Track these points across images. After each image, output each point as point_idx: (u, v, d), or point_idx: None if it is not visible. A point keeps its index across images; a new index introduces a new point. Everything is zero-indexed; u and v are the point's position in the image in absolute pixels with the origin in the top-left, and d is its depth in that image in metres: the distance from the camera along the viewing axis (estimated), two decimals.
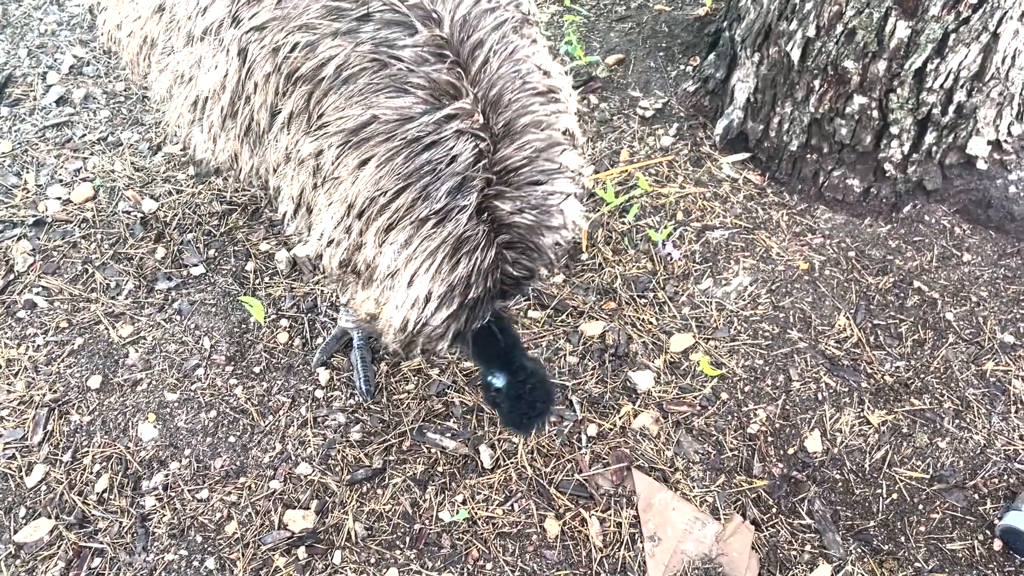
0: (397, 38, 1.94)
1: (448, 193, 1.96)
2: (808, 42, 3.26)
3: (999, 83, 3.17)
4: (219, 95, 2.21)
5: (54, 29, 4.36)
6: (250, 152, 2.26)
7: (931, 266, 3.35)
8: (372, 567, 2.63)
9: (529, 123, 2.05)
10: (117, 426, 2.93)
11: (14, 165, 3.72)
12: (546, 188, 2.10)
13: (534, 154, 2.05)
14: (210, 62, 2.20)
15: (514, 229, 2.07)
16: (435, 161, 1.94)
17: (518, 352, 2.37)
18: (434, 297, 2.06)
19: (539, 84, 2.11)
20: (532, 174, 2.06)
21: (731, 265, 3.36)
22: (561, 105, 2.19)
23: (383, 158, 1.95)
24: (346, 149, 1.99)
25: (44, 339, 3.14)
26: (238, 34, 2.09)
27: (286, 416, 2.95)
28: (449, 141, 1.94)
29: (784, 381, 3.04)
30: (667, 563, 2.63)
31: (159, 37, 2.41)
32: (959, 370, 3.05)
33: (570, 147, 2.20)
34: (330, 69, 1.96)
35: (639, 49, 4.23)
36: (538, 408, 2.33)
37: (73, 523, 2.70)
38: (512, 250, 2.11)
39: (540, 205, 2.09)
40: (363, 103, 1.95)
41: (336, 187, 2.04)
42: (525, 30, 2.18)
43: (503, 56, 2.03)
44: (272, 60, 2.04)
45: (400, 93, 1.93)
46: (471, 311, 2.14)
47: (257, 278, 3.33)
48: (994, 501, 2.76)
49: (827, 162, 3.52)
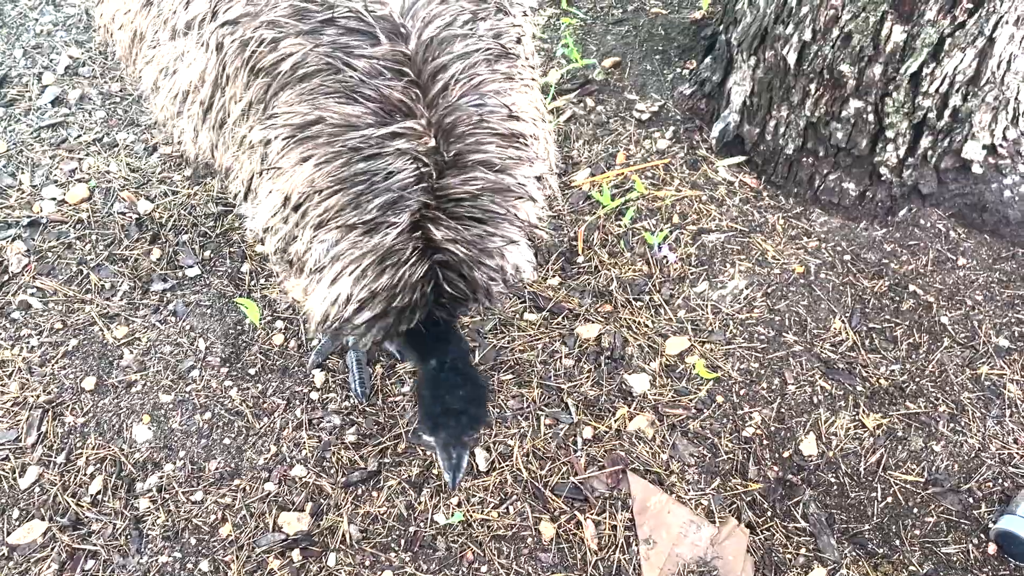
0: (356, 46, 1.94)
1: (380, 207, 1.96)
2: (804, 46, 3.27)
3: (994, 87, 3.17)
4: (199, 88, 2.25)
5: (50, 29, 4.35)
6: (223, 144, 2.29)
7: (926, 270, 3.35)
8: (367, 570, 2.62)
9: (480, 161, 2.02)
10: (111, 428, 2.92)
11: (9, 166, 3.71)
12: (487, 228, 2.07)
13: (479, 192, 2.03)
14: (192, 55, 2.24)
15: (449, 253, 2.06)
16: (371, 173, 1.94)
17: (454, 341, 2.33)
18: (354, 300, 2.07)
19: (500, 126, 2.06)
20: (474, 211, 2.04)
21: (727, 268, 3.36)
22: (524, 152, 2.12)
23: (322, 159, 1.97)
24: (291, 143, 2.01)
25: (38, 340, 3.13)
26: (215, 28, 2.12)
27: (281, 418, 2.94)
28: (389, 157, 1.94)
29: (779, 384, 3.04)
30: (662, 566, 2.63)
31: (147, 31, 2.45)
32: (954, 374, 3.05)
33: (527, 197, 2.14)
34: (287, 65, 1.98)
35: (635, 52, 4.23)
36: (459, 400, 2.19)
37: (67, 525, 2.69)
38: (449, 270, 2.10)
39: (476, 242, 2.06)
40: (312, 103, 1.97)
41: (277, 177, 2.07)
42: (500, 64, 2.11)
43: (466, 87, 2.00)
44: (241, 55, 2.06)
45: (349, 101, 1.94)
46: (397, 316, 2.14)
47: (252, 280, 3.33)
48: (989, 505, 2.76)
49: (823, 166, 3.52)
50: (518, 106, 2.13)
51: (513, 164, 2.09)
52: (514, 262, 2.19)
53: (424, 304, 2.15)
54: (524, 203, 2.15)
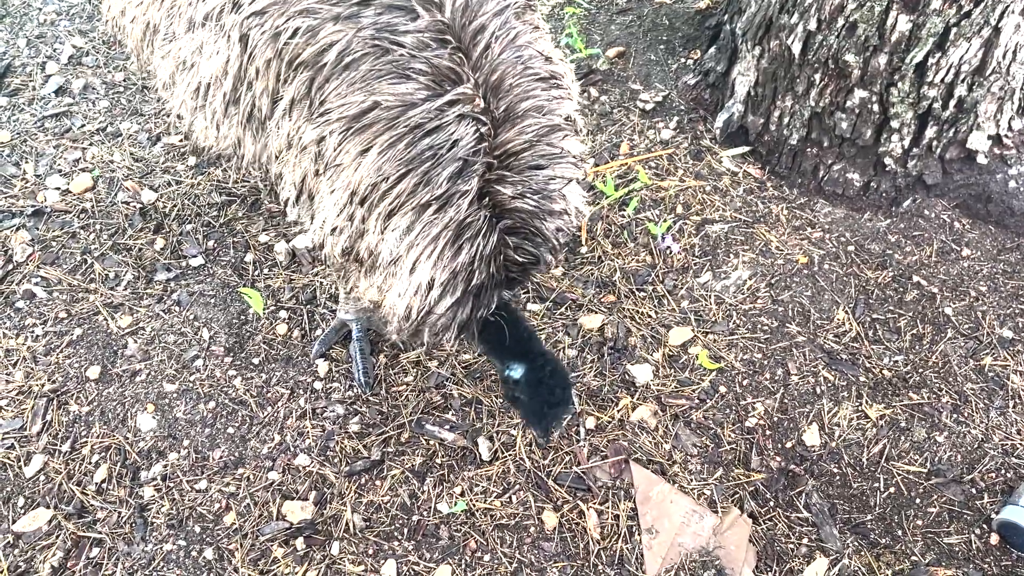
0: (399, 23, 1.93)
1: (449, 178, 1.95)
2: (809, 35, 3.25)
3: (1000, 77, 3.16)
4: (221, 81, 2.19)
5: (53, 19, 4.35)
6: (253, 139, 2.25)
7: (930, 261, 3.35)
8: (370, 558, 2.63)
9: (530, 108, 2.04)
10: (116, 416, 2.93)
11: (13, 155, 3.72)
12: (547, 173, 2.09)
13: (535, 138, 2.04)
14: (212, 48, 2.19)
15: (516, 214, 2.06)
16: (436, 147, 1.93)
17: (534, 341, 2.37)
18: (437, 284, 2.05)
19: (541, 70, 2.10)
20: (533, 159, 2.05)
21: (730, 259, 3.36)
22: (563, 91, 2.17)
23: (385, 144, 1.94)
24: (348, 136, 1.98)
25: (43, 329, 3.14)
26: (239, 19, 2.07)
27: (285, 407, 2.95)
28: (451, 126, 1.93)
29: (782, 375, 3.04)
30: (664, 556, 2.64)
31: (161, 23, 2.39)
32: (957, 365, 3.05)
33: (572, 133, 2.19)
34: (332, 55, 1.95)
35: (640, 42, 4.22)
36: (558, 395, 2.32)
37: (72, 513, 2.71)
38: (515, 235, 2.10)
39: (542, 190, 2.08)
40: (365, 89, 1.94)
41: (338, 174, 2.03)
42: (527, 16, 2.17)
43: (505, 41, 2.02)
44: (273, 46, 2.02)
45: (402, 79, 1.92)
46: (476, 299, 2.13)
47: (256, 269, 3.33)
48: (991, 495, 2.76)
49: (827, 156, 3.51)
50: (547, 50, 2.18)
51: (557, 104, 2.12)
52: (573, 202, 2.21)
53: (498, 283, 2.15)
54: (570, 139, 2.17)
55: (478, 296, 2.13)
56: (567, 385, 2.35)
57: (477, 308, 2.16)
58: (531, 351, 2.33)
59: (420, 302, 2.09)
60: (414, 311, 2.11)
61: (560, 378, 2.33)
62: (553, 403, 2.33)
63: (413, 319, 2.13)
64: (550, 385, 2.31)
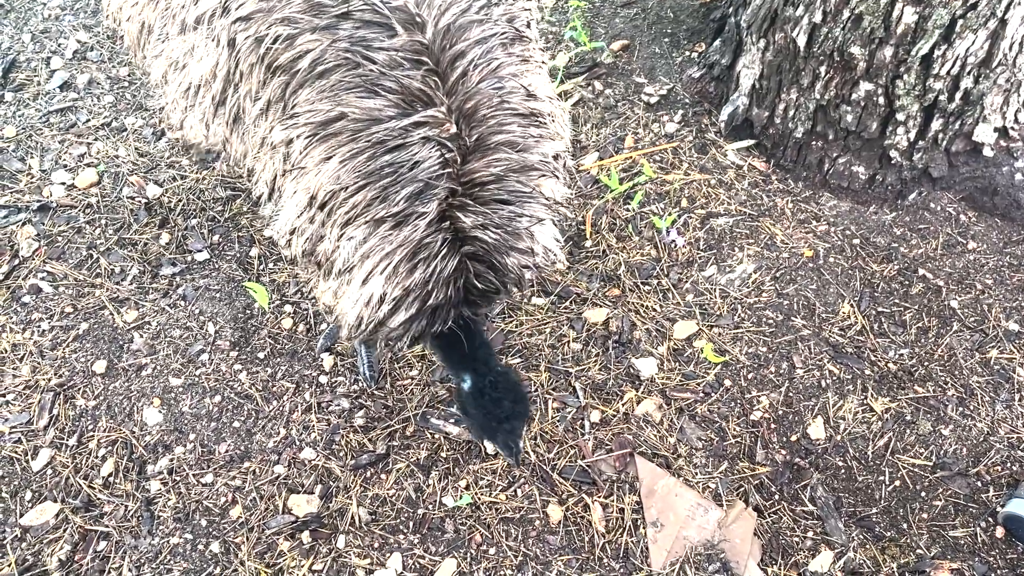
0: (374, 39, 1.93)
1: (407, 198, 1.96)
2: (814, 28, 3.24)
3: (1006, 70, 3.15)
4: (210, 83, 2.24)
5: (57, 14, 4.35)
6: (239, 139, 2.29)
7: (936, 254, 3.34)
8: (376, 551, 2.64)
9: (503, 142, 2.03)
10: (122, 411, 2.94)
11: (18, 150, 3.72)
12: (514, 209, 2.08)
13: (504, 173, 2.03)
14: (202, 51, 2.23)
15: (478, 242, 2.06)
16: (397, 164, 1.94)
17: (483, 350, 2.34)
18: (388, 299, 2.06)
19: (519, 106, 2.07)
20: (500, 192, 2.04)
21: (735, 252, 3.35)
22: (544, 130, 2.14)
23: (347, 155, 1.96)
24: (313, 141, 2.00)
25: (49, 324, 3.15)
26: (227, 24, 2.10)
27: (290, 401, 2.96)
28: (414, 147, 1.93)
29: (788, 368, 3.04)
30: (669, 549, 2.64)
31: (155, 24, 2.45)
32: (963, 358, 3.04)
33: (549, 174, 2.15)
34: (305, 62, 1.97)
35: (644, 35, 4.21)
36: (506, 408, 2.27)
37: (79, 507, 2.72)
38: (478, 263, 2.10)
39: (505, 225, 2.07)
40: (333, 99, 1.96)
41: (302, 177, 2.06)
42: (515, 48, 2.13)
43: (485, 71, 2.01)
44: (256, 50, 2.05)
45: (370, 94, 1.93)
46: (431, 316, 2.14)
47: (261, 264, 3.34)
48: (997, 489, 2.76)
49: (832, 149, 3.50)
50: (534, 86, 2.14)
51: (534, 142, 2.10)
52: (543, 242, 2.20)
53: (457, 302, 2.14)
54: (547, 180, 2.15)
55: (434, 314, 2.14)
56: (519, 398, 2.30)
57: (432, 324, 2.17)
58: (479, 362, 2.29)
59: (370, 314, 2.10)
60: (364, 322, 2.13)
61: (507, 390, 2.28)
62: (501, 417, 2.29)
63: (363, 329, 2.15)
64: (495, 398, 2.27)
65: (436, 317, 2.15)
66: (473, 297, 2.18)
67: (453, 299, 2.12)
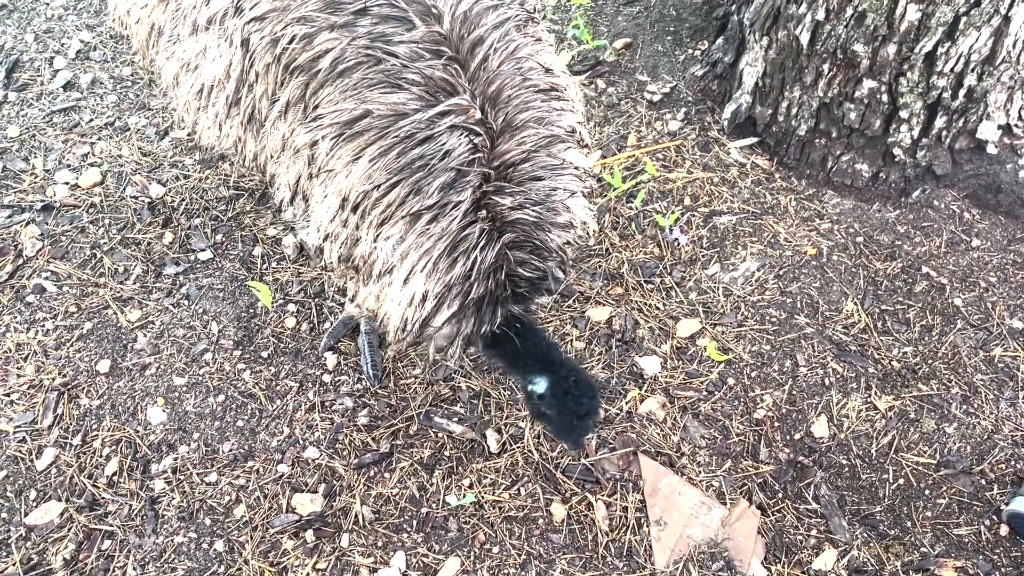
0: (393, 33, 1.93)
1: (440, 188, 1.95)
2: (817, 25, 3.24)
3: (1010, 67, 3.14)
4: (224, 83, 2.23)
5: (60, 14, 4.36)
6: (253, 139, 2.28)
7: (940, 251, 3.33)
8: (379, 550, 2.65)
9: (529, 119, 2.03)
10: (126, 410, 2.95)
11: (22, 150, 3.73)
12: (548, 184, 2.07)
13: (534, 149, 2.03)
14: (215, 51, 2.21)
15: (518, 226, 2.05)
16: (427, 156, 1.93)
17: (553, 352, 2.31)
18: (431, 296, 2.04)
19: (541, 82, 2.09)
20: (533, 169, 2.04)
21: (738, 250, 3.35)
22: (564, 103, 2.16)
23: (376, 153, 1.95)
24: (340, 142, 1.99)
25: (53, 323, 3.16)
26: (240, 24, 2.10)
27: (294, 400, 2.96)
28: (442, 137, 1.93)
29: (791, 366, 3.04)
30: (673, 547, 2.64)
31: (165, 25, 2.43)
32: (967, 356, 3.04)
33: (574, 145, 2.17)
34: (326, 62, 1.96)
35: (647, 33, 4.21)
36: (585, 405, 2.27)
37: (83, 506, 2.73)
38: (520, 250, 2.08)
39: (543, 201, 2.06)
40: (357, 97, 1.95)
41: (331, 179, 2.04)
42: (528, 28, 2.16)
43: (504, 54, 2.02)
44: (272, 51, 2.04)
45: (394, 89, 1.93)
46: (477, 313, 2.11)
47: (264, 263, 3.34)
48: (1001, 486, 2.76)
49: (836, 147, 3.50)
50: (549, 62, 2.17)
51: (557, 116, 2.11)
52: (578, 215, 2.19)
53: (501, 296, 2.12)
54: (574, 151, 2.15)
55: (479, 310, 2.11)
56: (593, 394, 2.31)
57: (480, 322, 2.14)
58: (553, 362, 2.28)
59: (415, 313, 2.08)
60: (409, 323, 2.11)
61: (586, 387, 2.28)
62: (581, 414, 2.29)
63: (409, 330, 2.13)
64: (576, 396, 2.27)
65: (483, 313, 2.12)
66: (520, 290, 2.16)
67: (496, 292, 2.10)
